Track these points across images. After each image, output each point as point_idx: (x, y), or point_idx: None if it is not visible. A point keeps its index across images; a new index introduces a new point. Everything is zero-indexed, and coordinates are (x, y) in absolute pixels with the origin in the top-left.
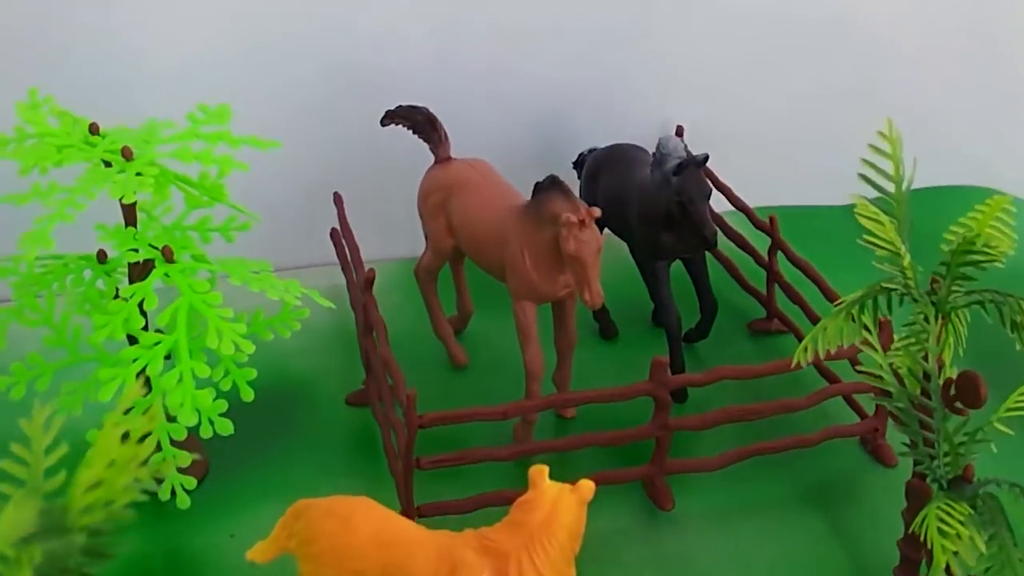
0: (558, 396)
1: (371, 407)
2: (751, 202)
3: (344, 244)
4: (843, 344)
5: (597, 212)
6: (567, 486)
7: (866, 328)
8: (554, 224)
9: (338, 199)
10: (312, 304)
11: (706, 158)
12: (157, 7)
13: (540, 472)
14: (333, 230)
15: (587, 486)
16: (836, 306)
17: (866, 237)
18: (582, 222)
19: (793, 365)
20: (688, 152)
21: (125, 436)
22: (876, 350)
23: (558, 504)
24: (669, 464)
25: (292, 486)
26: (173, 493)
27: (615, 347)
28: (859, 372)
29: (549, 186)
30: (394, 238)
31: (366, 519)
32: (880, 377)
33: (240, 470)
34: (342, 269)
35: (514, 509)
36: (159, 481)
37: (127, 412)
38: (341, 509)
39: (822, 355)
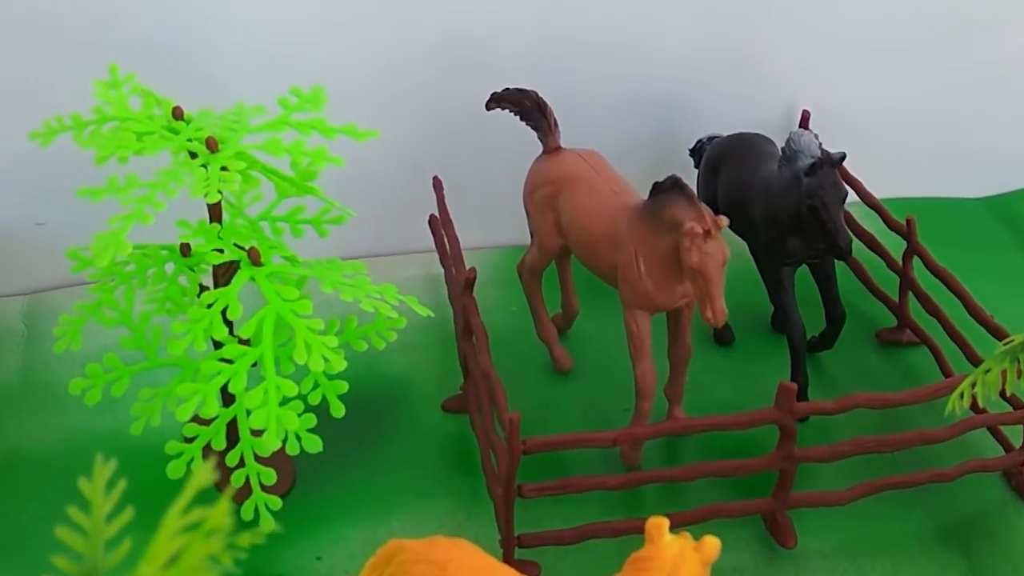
0: (673, 423)
1: (469, 416)
2: (878, 193)
3: (443, 233)
4: (1007, 392)
5: (724, 222)
6: (689, 543)
7: None
8: (674, 231)
9: (438, 184)
10: (409, 308)
11: (843, 157)
12: None
13: (659, 527)
14: (432, 217)
15: (712, 545)
16: (1002, 346)
17: None
18: (707, 232)
19: (947, 413)
20: (823, 149)
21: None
22: None
23: (679, 566)
24: (793, 498)
25: (383, 503)
26: (256, 512)
27: (731, 355)
28: None
29: (670, 188)
30: (496, 225)
31: (464, 567)
32: None
33: (327, 483)
34: (440, 260)
35: (628, 566)
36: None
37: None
38: (438, 555)
39: (981, 403)
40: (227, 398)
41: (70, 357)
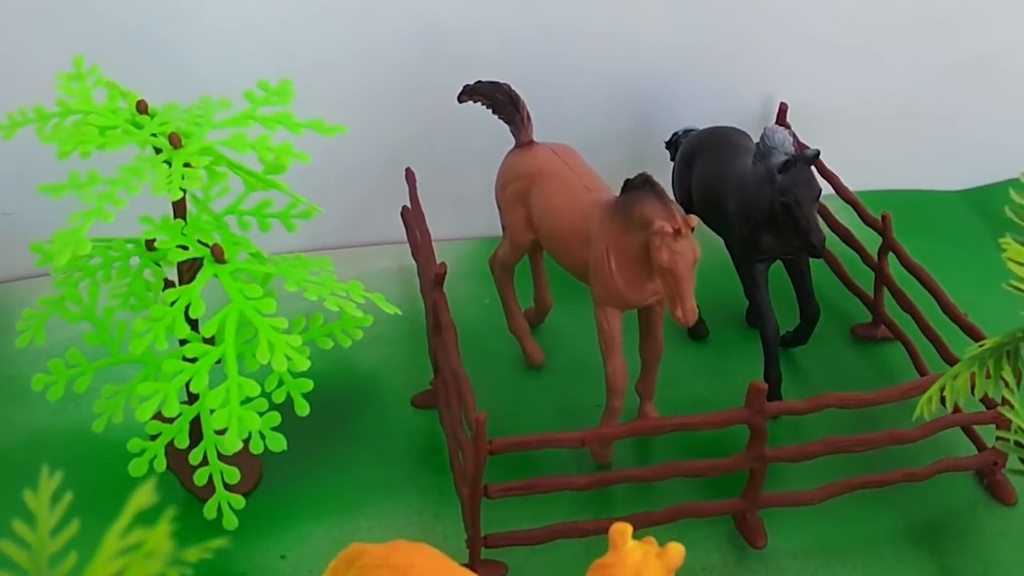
0: (642, 423)
1: (439, 412)
2: (856, 185)
3: (415, 226)
4: (975, 396)
5: (695, 221)
6: (653, 549)
7: (1004, 382)
8: (644, 229)
9: (410, 176)
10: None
11: (816, 154)
12: None
13: (622, 533)
14: (404, 208)
15: (676, 551)
16: (972, 350)
17: (1013, 283)
18: (677, 231)
19: (915, 417)
20: (797, 146)
21: None
22: (1016, 410)
23: (641, 573)
24: (763, 497)
25: (350, 501)
26: (219, 510)
27: (705, 349)
28: (998, 439)
29: (641, 185)
30: (469, 217)
31: (425, 572)
32: (1021, 444)
33: (294, 480)
34: (412, 253)
35: (591, 573)
36: (204, 500)
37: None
38: (399, 560)
39: (950, 408)
40: (191, 395)
41: (35, 351)
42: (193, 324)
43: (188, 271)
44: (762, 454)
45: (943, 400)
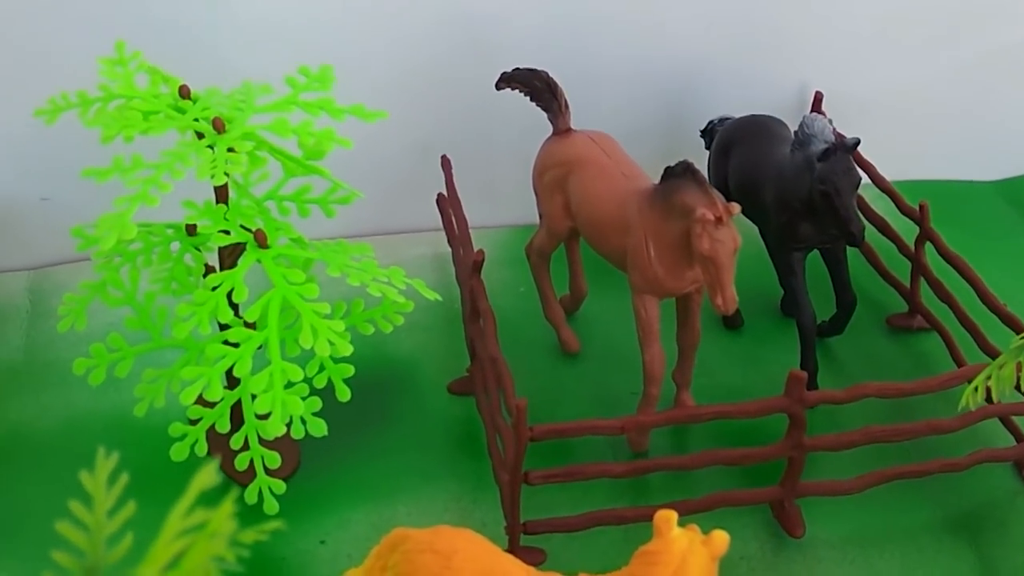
0: (680, 411)
1: (476, 399)
2: (890, 175)
3: (451, 213)
4: (1021, 386)
5: (736, 209)
6: (697, 536)
7: None
8: (685, 217)
9: (446, 163)
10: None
11: (857, 143)
12: None
13: (668, 520)
14: (440, 196)
15: (721, 539)
16: (1017, 340)
17: None
18: (719, 219)
19: (961, 409)
20: (837, 134)
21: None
22: None
23: (687, 560)
24: (801, 486)
25: (388, 487)
26: (260, 495)
27: (740, 338)
28: None
29: (682, 173)
30: (503, 204)
31: (469, 558)
32: None
33: (332, 465)
34: (448, 240)
35: (636, 560)
36: (243, 484)
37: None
38: (443, 545)
39: (996, 399)
40: (231, 380)
41: (74, 335)
42: (234, 309)
43: (230, 256)
44: (801, 443)
45: (988, 391)
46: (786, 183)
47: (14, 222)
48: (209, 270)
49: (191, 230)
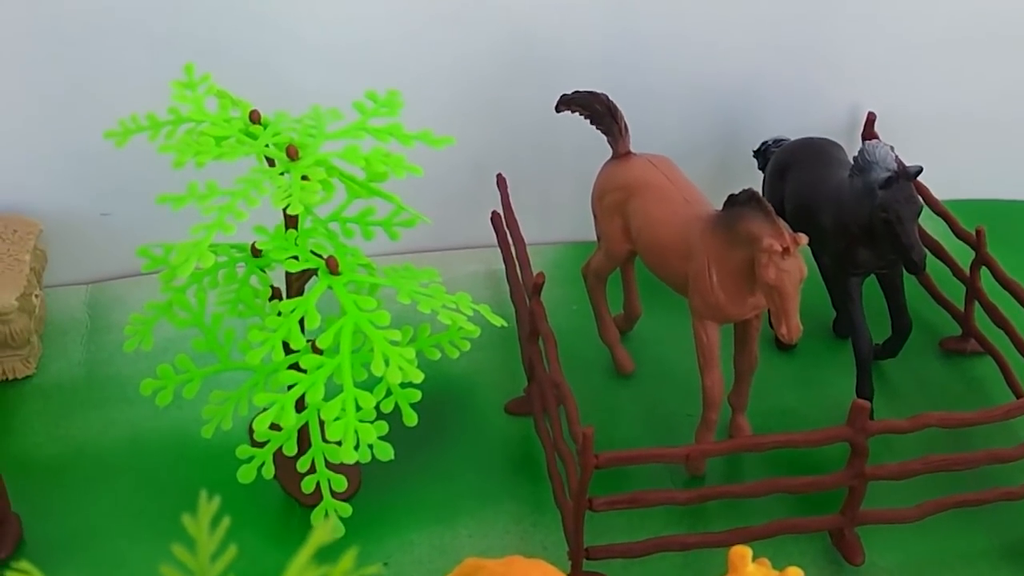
0: (744, 440)
1: (534, 420)
2: (944, 194)
3: (507, 231)
4: None
5: (804, 240)
6: (772, 573)
7: None
8: (749, 245)
9: (502, 182)
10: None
11: (919, 171)
12: None
13: (743, 556)
14: (495, 214)
15: (795, 575)
16: None
17: None
18: (786, 250)
19: None
20: (899, 162)
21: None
22: None
23: None
24: (861, 515)
25: (449, 508)
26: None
27: (793, 360)
28: None
29: (746, 201)
30: (555, 221)
31: None
32: None
33: (392, 486)
34: (503, 258)
35: None
36: (306, 505)
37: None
38: None
39: None
40: (299, 402)
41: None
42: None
43: (297, 280)
44: (863, 472)
45: None
46: (845, 209)
47: (74, 237)
48: (275, 292)
49: (256, 251)
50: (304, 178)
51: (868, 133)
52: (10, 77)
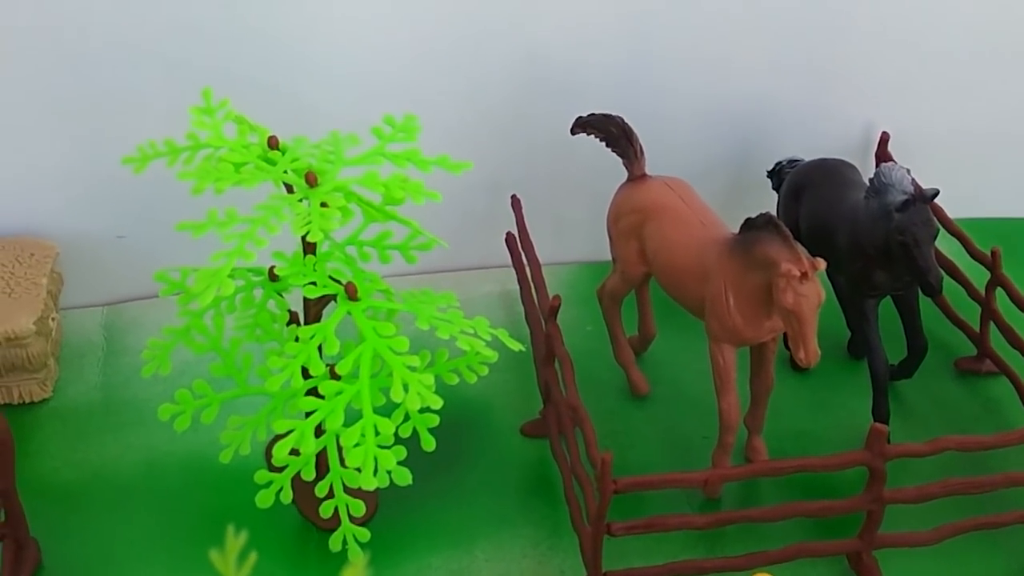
0: (763, 465)
1: (550, 442)
2: (958, 212)
3: (521, 252)
4: None
5: (822, 265)
6: None
7: None
8: (767, 269)
9: (516, 203)
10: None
11: (936, 193)
12: (328, 8)
13: None
14: (509, 235)
15: None
16: None
17: None
18: (804, 275)
19: None
20: (915, 184)
21: None
22: None
23: None
24: (879, 538)
25: (466, 532)
26: (344, 543)
27: (808, 381)
28: None
29: (763, 225)
30: (569, 241)
31: None
32: None
33: (409, 510)
34: (518, 279)
35: None
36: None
37: None
38: None
39: None
40: (318, 428)
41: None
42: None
43: (315, 305)
44: (881, 496)
45: None
46: (861, 230)
47: (90, 259)
48: (293, 316)
49: (273, 276)
50: (323, 205)
51: (882, 153)
52: (29, 101)
